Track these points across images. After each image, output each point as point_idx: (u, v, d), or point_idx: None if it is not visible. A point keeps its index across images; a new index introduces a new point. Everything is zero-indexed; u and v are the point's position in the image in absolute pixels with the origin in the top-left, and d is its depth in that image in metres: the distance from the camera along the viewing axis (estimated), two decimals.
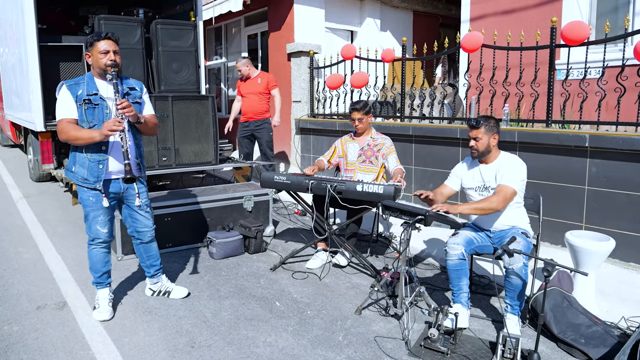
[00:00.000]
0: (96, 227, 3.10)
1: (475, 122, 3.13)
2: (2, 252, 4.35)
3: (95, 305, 3.21)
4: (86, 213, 3.10)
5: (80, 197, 3.09)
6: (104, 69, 2.95)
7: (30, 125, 6.12)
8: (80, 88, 2.96)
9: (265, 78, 6.49)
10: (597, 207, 4.10)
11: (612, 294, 3.43)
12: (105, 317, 3.14)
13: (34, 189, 6.89)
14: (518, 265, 2.80)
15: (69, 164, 3.10)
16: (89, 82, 2.99)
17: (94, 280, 3.23)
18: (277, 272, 3.99)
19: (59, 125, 2.93)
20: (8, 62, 7.40)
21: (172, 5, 6.83)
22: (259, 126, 6.48)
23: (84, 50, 3.01)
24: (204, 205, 4.54)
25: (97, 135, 2.90)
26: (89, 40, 2.97)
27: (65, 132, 2.92)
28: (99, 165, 3.01)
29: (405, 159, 5.58)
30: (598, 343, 2.75)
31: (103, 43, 2.93)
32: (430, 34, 9.48)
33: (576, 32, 4.15)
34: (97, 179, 3.01)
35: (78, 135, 2.92)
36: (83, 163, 3.01)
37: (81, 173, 3.01)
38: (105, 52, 2.93)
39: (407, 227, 3.04)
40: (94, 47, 2.95)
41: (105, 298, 3.21)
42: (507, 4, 6.41)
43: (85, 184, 3.02)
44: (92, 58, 2.97)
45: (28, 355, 2.73)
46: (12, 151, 10.42)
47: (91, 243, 3.16)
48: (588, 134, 4.08)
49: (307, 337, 2.97)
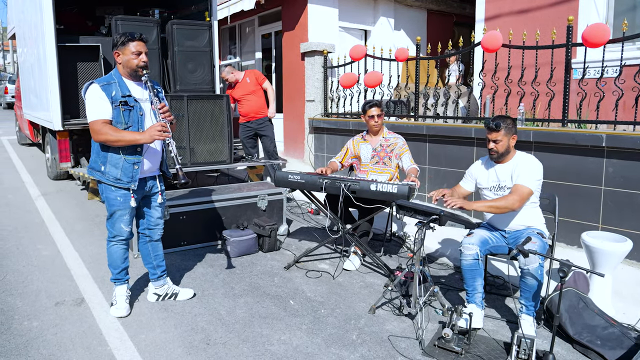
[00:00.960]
0: (120, 225, 3.12)
1: (495, 124, 3.09)
2: (22, 249, 4.44)
3: (112, 302, 3.25)
4: (111, 212, 3.10)
5: (107, 197, 3.07)
6: (135, 69, 2.97)
7: (48, 124, 6.23)
8: (113, 89, 2.94)
9: (253, 75, 6.51)
10: (614, 207, 4.05)
11: (628, 296, 3.39)
12: (123, 314, 3.18)
13: (51, 187, 7.01)
14: (534, 266, 2.78)
15: (94, 163, 3.06)
16: (120, 82, 2.98)
17: (112, 277, 3.25)
18: (291, 271, 4.02)
19: (95, 126, 2.90)
20: (27, 62, 7.53)
21: (188, 5, 6.89)
22: (261, 124, 6.50)
23: (114, 48, 2.97)
24: (218, 204, 4.59)
25: (141, 139, 2.94)
26: (121, 39, 2.95)
27: (103, 134, 2.89)
28: (134, 166, 3.02)
29: (419, 158, 5.57)
30: (614, 345, 2.72)
31: (136, 44, 2.95)
32: (445, 33, 9.43)
33: (597, 34, 4.09)
34: (131, 179, 3.02)
35: (119, 137, 2.91)
36: (116, 164, 2.99)
37: (113, 173, 3.00)
38: (137, 53, 2.96)
39: (422, 226, 3.04)
40: (125, 47, 2.95)
41: (123, 295, 3.25)
42: (523, 3, 6.36)
43: (117, 184, 3.02)
44: (123, 57, 2.97)
45: (47, 350, 2.78)
46: (30, 149, 10.59)
47: (111, 240, 3.18)
48: (605, 134, 4.03)
49: (321, 335, 2.99)
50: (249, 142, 6.61)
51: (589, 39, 4.14)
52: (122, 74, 3.02)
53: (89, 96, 2.93)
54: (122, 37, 2.96)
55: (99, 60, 6.48)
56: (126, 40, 2.95)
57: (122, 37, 2.96)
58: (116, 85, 2.96)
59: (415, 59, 5.94)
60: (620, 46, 4.21)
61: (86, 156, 6.66)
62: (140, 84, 3.06)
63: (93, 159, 3.06)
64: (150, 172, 3.20)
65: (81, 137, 6.59)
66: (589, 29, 4.17)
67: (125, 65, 2.98)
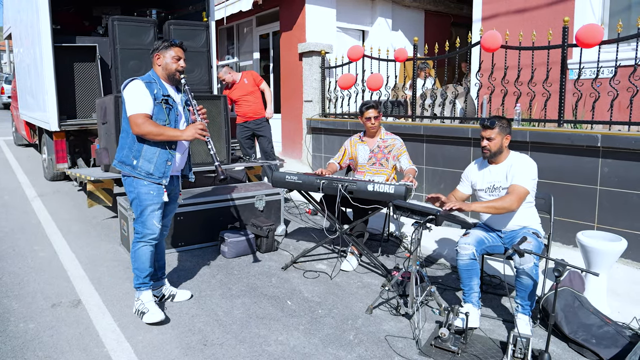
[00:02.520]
0: (152, 221, 3.11)
1: (490, 122, 3.12)
2: (18, 251, 4.43)
3: (143, 310, 3.10)
4: (143, 208, 3.08)
5: (138, 192, 3.06)
6: (174, 73, 3.08)
7: (45, 125, 6.22)
8: (154, 87, 3.02)
9: (250, 76, 6.52)
10: (609, 207, 4.07)
11: (624, 295, 3.41)
12: (162, 317, 3.09)
13: (48, 188, 6.99)
14: (529, 265, 2.80)
15: (126, 157, 3.06)
16: (159, 83, 3.07)
17: (137, 282, 3.15)
18: (289, 271, 4.02)
19: (137, 119, 2.94)
20: (23, 62, 7.52)
21: (185, 5, 6.89)
22: (259, 125, 6.51)
23: (155, 51, 3.08)
24: (216, 204, 4.59)
25: (183, 135, 3.02)
26: (164, 44, 3.07)
27: (145, 126, 2.94)
28: (167, 163, 3.08)
29: (417, 158, 5.58)
30: (609, 343, 2.74)
31: (177, 49, 3.08)
32: (442, 33, 9.46)
33: (590, 35, 4.11)
34: (162, 175, 3.07)
35: (162, 131, 2.98)
36: (150, 158, 3.03)
37: (146, 167, 3.03)
38: (177, 58, 3.08)
39: (418, 226, 3.05)
40: (167, 50, 3.06)
41: (151, 300, 3.17)
42: (519, 4, 6.38)
43: (149, 178, 3.04)
44: (163, 60, 3.07)
45: (44, 352, 2.78)
46: (26, 150, 10.57)
47: (142, 240, 3.13)
48: (600, 134, 4.05)
49: (318, 335, 3.00)
50: (247, 142, 6.62)
51: (583, 39, 4.16)
52: (160, 75, 3.11)
53: (132, 90, 2.99)
54: (164, 41, 3.09)
55: (95, 60, 6.48)
56: (168, 45, 3.07)
57: (165, 42, 3.09)
58: (156, 84, 3.05)
59: (412, 60, 5.95)
60: (615, 47, 4.23)
61: (83, 157, 6.66)
62: (174, 88, 3.17)
63: (124, 153, 3.07)
64: (176, 171, 3.26)
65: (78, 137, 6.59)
66: (583, 29, 4.19)
67: (165, 67, 3.07)
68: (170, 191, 3.20)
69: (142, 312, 3.12)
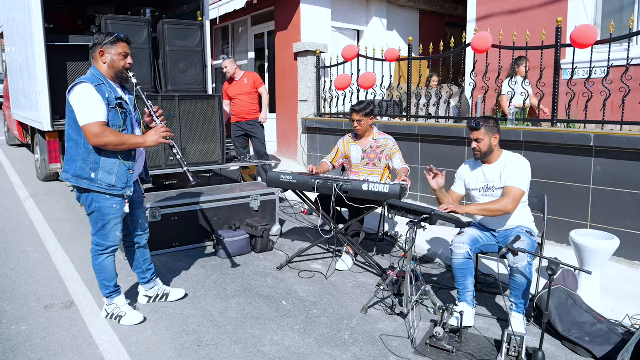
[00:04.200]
0: (115, 234, 2.98)
1: (475, 124, 3.14)
2: (10, 252, 4.40)
3: (120, 314, 3.08)
4: (106, 222, 2.93)
5: (100, 206, 2.89)
6: (122, 71, 2.90)
7: (38, 125, 6.17)
8: (105, 90, 2.81)
9: (251, 77, 6.51)
10: (602, 206, 4.10)
11: (617, 293, 3.43)
12: (141, 319, 3.09)
13: (41, 188, 6.95)
14: (523, 264, 2.81)
15: (81, 170, 2.84)
16: (108, 84, 2.86)
17: (108, 291, 3.09)
18: (284, 271, 4.02)
19: (94, 129, 2.71)
20: (15, 61, 7.46)
21: (179, 4, 6.86)
22: (252, 125, 6.51)
23: (99, 46, 2.84)
24: (210, 204, 4.58)
25: (147, 142, 2.86)
26: (109, 39, 2.84)
27: (104, 137, 2.73)
28: (129, 172, 2.92)
29: (411, 158, 5.60)
30: (602, 341, 2.76)
31: (124, 45, 2.89)
32: (437, 33, 9.48)
33: (585, 35, 4.14)
34: (125, 185, 2.90)
35: (123, 140, 2.80)
36: (111, 169, 2.84)
37: (107, 180, 2.84)
38: (125, 54, 2.90)
39: (413, 226, 3.06)
40: (114, 46, 2.85)
41: (126, 303, 3.15)
42: (514, 4, 6.41)
43: (111, 191, 2.87)
44: (109, 57, 2.86)
45: (36, 354, 2.76)
46: (19, 150, 10.49)
47: (104, 252, 3.01)
48: (593, 134, 4.08)
49: (313, 335, 2.99)
50: (240, 141, 6.61)
51: (578, 40, 4.18)
52: (106, 74, 2.89)
53: (82, 96, 2.75)
54: (108, 36, 2.86)
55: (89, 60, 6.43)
56: (116, 40, 2.87)
57: (109, 37, 2.86)
58: (106, 86, 2.84)
59: (407, 59, 5.96)
60: (607, 47, 4.26)
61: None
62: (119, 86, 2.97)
63: (78, 166, 2.84)
64: (136, 177, 3.12)
65: None
66: (578, 30, 4.21)
67: (111, 65, 2.87)
68: (133, 199, 3.06)
69: (118, 315, 3.09)
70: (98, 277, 3.08)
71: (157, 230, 4.23)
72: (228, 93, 6.51)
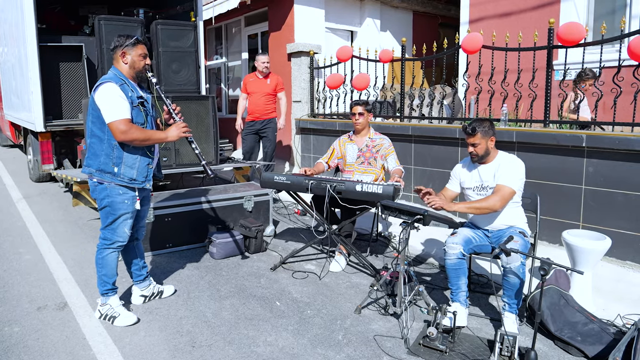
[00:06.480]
0: (124, 229, 3.05)
1: (471, 129, 3.14)
2: (3, 253, 4.37)
3: (113, 315, 3.08)
4: (116, 216, 3.01)
5: (112, 201, 2.98)
6: (142, 71, 3.03)
7: (30, 125, 6.15)
8: (127, 89, 2.93)
9: (275, 79, 6.51)
10: (594, 206, 4.13)
11: (608, 292, 3.46)
12: (135, 319, 3.10)
13: (33, 189, 6.91)
14: (515, 264, 2.83)
15: (104, 165, 2.94)
16: (129, 83, 2.98)
17: (106, 288, 3.10)
18: (277, 272, 4.02)
19: (121, 126, 2.84)
20: (8, 62, 7.42)
21: (173, 5, 6.85)
22: (265, 126, 6.51)
23: (120, 47, 2.96)
24: (204, 205, 4.57)
25: (169, 137, 3.01)
26: (130, 41, 2.97)
27: (130, 133, 2.87)
28: (149, 166, 3.07)
29: (405, 158, 5.61)
30: (594, 340, 2.78)
31: (143, 47, 3.02)
32: (430, 34, 9.52)
33: (572, 32, 4.17)
34: (145, 179, 3.05)
35: (148, 136, 2.95)
36: (132, 164, 2.98)
37: (129, 174, 2.98)
38: (145, 55, 3.03)
39: (406, 226, 3.07)
40: (134, 48, 2.97)
41: (120, 304, 3.16)
42: (506, 6, 6.45)
43: (132, 184, 2.99)
44: (131, 58, 2.98)
45: (29, 356, 2.74)
46: (11, 151, 10.43)
47: (110, 246, 3.06)
48: (585, 134, 4.10)
49: (307, 336, 3.00)
50: (249, 137, 6.55)
51: (565, 36, 4.20)
52: (127, 74, 3.01)
53: (108, 95, 2.87)
54: (129, 38, 2.99)
55: (82, 60, 6.42)
56: (135, 42, 2.99)
57: (130, 39, 2.98)
58: (127, 86, 2.95)
59: (400, 60, 5.98)
60: (599, 48, 4.29)
61: (69, 158, 6.59)
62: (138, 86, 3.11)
63: (102, 160, 2.95)
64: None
65: (64, 138, 6.52)
66: (564, 27, 4.24)
67: (132, 65, 3.00)
68: (143, 195, 3.17)
69: (112, 316, 3.09)
70: (99, 271, 3.11)
71: (151, 231, 4.22)
72: (247, 87, 6.46)
